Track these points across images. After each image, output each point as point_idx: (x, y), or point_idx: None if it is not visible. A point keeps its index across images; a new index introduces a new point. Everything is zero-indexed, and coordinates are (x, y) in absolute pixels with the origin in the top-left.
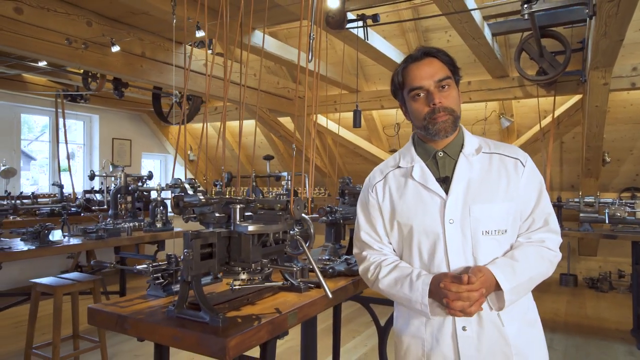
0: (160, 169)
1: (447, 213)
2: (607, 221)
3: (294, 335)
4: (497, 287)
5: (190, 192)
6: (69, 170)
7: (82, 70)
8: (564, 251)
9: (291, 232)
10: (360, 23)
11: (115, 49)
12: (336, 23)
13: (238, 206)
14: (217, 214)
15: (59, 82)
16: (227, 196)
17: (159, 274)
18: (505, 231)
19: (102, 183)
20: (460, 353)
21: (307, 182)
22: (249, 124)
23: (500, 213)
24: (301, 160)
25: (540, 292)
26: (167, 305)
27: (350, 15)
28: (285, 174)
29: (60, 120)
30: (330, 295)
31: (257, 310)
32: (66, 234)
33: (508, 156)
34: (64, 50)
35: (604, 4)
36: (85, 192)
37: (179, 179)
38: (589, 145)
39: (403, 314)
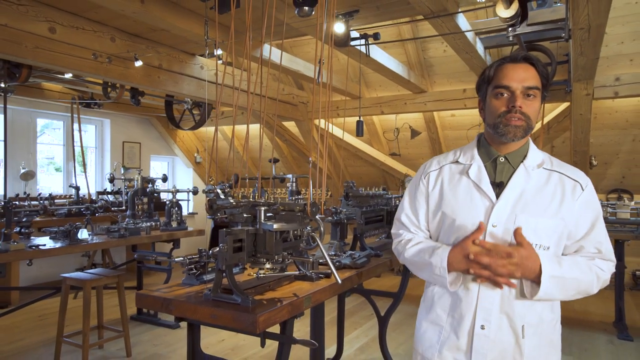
0: (167, 170)
1: (493, 217)
2: None
3: (304, 325)
4: (536, 278)
5: (222, 196)
6: (85, 172)
7: (102, 81)
8: None
9: (307, 229)
10: (363, 41)
11: (139, 63)
12: (341, 42)
13: (263, 208)
14: (245, 215)
15: (74, 89)
16: (253, 200)
17: (193, 266)
18: (548, 248)
19: (113, 185)
20: (473, 349)
21: (310, 185)
22: (254, 128)
23: (546, 230)
24: (313, 165)
25: None
26: (201, 291)
27: (354, 33)
28: (290, 176)
29: (76, 125)
30: (340, 281)
31: (278, 295)
32: (90, 232)
33: (568, 177)
34: (90, 64)
35: (576, 31)
36: (99, 193)
37: (213, 185)
38: (576, 149)
39: (428, 300)
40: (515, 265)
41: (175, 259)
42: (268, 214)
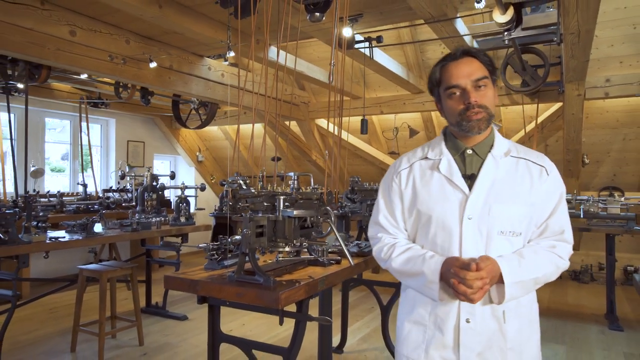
0: (169, 169)
1: (468, 209)
2: (582, 216)
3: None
4: (501, 280)
5: (244, 187)
6: (92, 170)
7: (113, 81)
8: None
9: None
10: (367, 44)
11: (153, 65)
12: (346, 45)
13: (282, 197)
14: (265, 203)
15: (82, 88)
16: (272, 190)
17: (215, 252)
18: (520, 234)
19: (119, 183)
20: (460, 343)
21: (326, 175)
22: (256, 127)
23: (519, 216)
24: (313, 164)
25: None
26: (223, 274)
27: (358, 36)
28: (291, 174)
29: (84, 125)
30: (352, 263)
31: (294, 277)
32: (104, 227)
33: (534, 163)
34: (106, 65)
35: (567, 35)
36: (105, 190)
37: (237, 177)
38: (569, 148)
39: (409, 301)
40: (483, 281)
41: (199, 245)
42: (286, 203)
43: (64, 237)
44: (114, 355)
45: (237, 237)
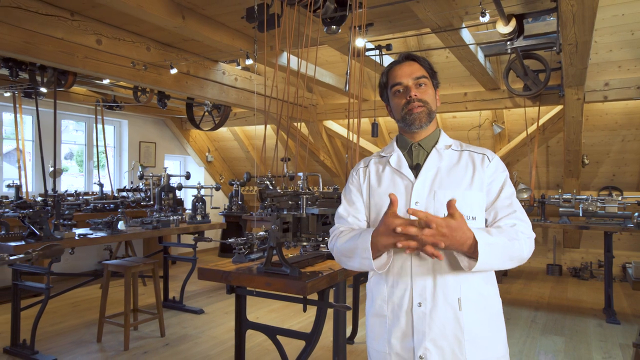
0: (179, 169)
1: (414, 195)
2: (580, 214)
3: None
4: (469, 249)
5: (270, 187)
6: (108, 170)
7: (132, 85)
8: (550, 244)
9: None
10: (377, 52)
11: (174, 71)
12: (358, 52)
13: (305, 196)
14: (290, 202)
15: (97, 91)
16: (296, 190)
17: (242, 246)
18: (475, 218)
19: (131, 182)
20: (414, 329)
21: (347, 174)
22: (263, 128)
23: (465, 200)
24: (321, 164)
25: (528, 279)
26: (250, 267)
27: (368, 44)
28: (300, 174)
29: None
30: None
31: (316, 269)
32: (125, 224)
33: (477, 152)
34: (129, 71)
35: (566, 46)
36: (119, 190)
37: (265, 177)
38: (569, 149)
39: (370, 295)
40: (441, 235)
41: (229, 240)
42: (308, 202)
43: (91, 234)
44: (137, 345)
45: (262, 233)
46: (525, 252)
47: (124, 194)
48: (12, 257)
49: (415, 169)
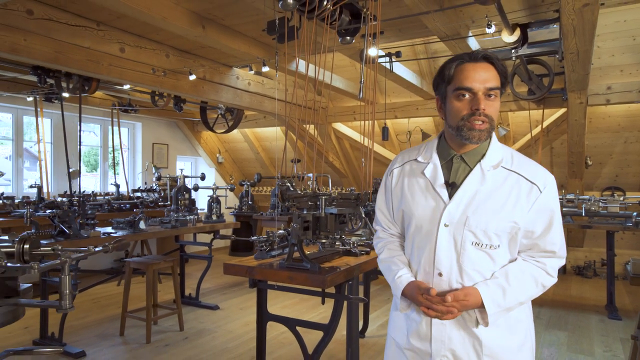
0: (191, 170)
1: (444, 217)
2: (583, 214)
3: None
4: (482, 306)
5: (291, 188)
6: (124, 171)
7: (150, 90)
8: None
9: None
10: (387, 58)
11: (192, 77)
12: (367, 59)
13: (324, 197)
14: (310, 202)
15: (113, 95)
16: (316, 192)
17: (263, 244)
18: (499, 246)
19: (145, 183)
20: (432, 336)
21: (364, 175)
22: (274, 130)
23: (497, 230)
24: (330, 165)
25: None
26: (271, 263)
27: (379, 51)
28: (310, 175)
29: (116, 129)
30: None
31: (334, 264)
32: (145, 224)
33: (526, 179)
34: (149, 78)
35: (568, 54)
36: (134, 190)
37: (285, 180)
38: (572, 151)
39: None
40: (453, 307)
41: (252, 238)
42: (326, 202)
43: (114, 233)
44: (158, 338)
45: (281, 231)
46: (538, 295)
47: (139, 194)
48: (96, 249)
49: (451, 186)
